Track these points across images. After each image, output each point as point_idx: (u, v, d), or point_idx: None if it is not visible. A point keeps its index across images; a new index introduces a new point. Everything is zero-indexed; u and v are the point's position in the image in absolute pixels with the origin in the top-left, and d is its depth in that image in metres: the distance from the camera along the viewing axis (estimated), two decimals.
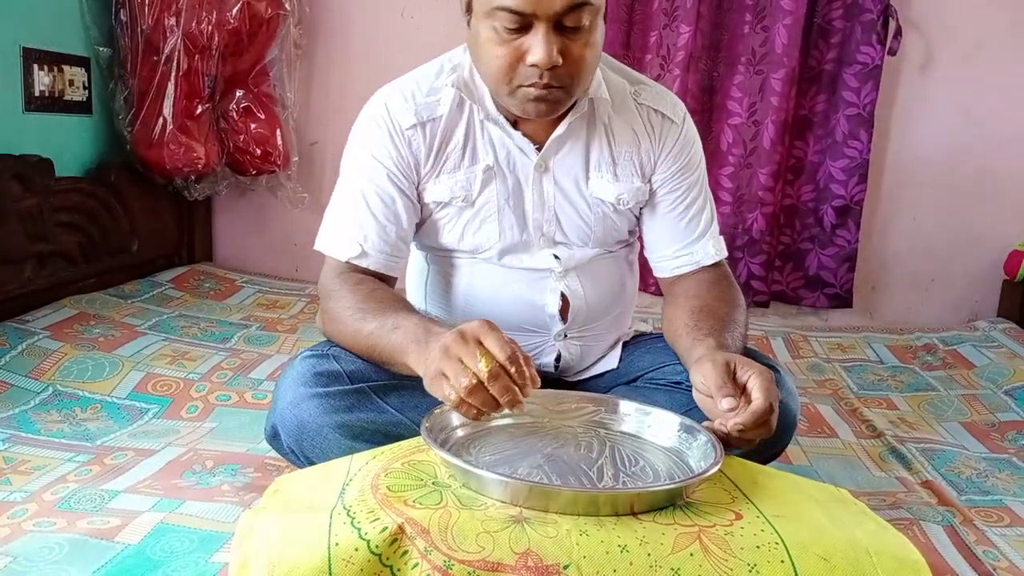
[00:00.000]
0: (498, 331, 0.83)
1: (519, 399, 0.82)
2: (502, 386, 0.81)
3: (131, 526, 0.94)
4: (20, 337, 1.51)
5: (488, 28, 0.95)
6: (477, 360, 0.81)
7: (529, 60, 0.93)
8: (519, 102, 0.98)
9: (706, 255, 1.16)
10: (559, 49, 0.93)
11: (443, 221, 1.11)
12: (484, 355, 0.81)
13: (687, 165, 1.14)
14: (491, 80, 0.99)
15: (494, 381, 0.80)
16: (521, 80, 0.96)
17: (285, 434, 0.99)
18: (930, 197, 2.24)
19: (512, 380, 0.81)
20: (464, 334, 0.83)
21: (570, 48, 0.94)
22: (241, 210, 2.39)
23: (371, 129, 1.08)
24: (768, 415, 0.87)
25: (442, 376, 0.83)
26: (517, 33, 0.93)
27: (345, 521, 0.71)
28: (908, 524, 1.09)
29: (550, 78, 0.94)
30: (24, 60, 1.75)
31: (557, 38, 0.93)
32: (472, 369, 0.81)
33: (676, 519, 0.75)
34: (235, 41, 2.02)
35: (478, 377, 0.80)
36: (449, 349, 0.83)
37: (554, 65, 0.93)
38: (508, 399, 0.81)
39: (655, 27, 2.13)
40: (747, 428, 0.85)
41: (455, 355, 0.82)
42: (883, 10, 2.07)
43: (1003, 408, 1.62)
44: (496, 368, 0.80)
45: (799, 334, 2.07)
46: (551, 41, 0.92)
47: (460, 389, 0.81)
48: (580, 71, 0.97)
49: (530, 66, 0.94)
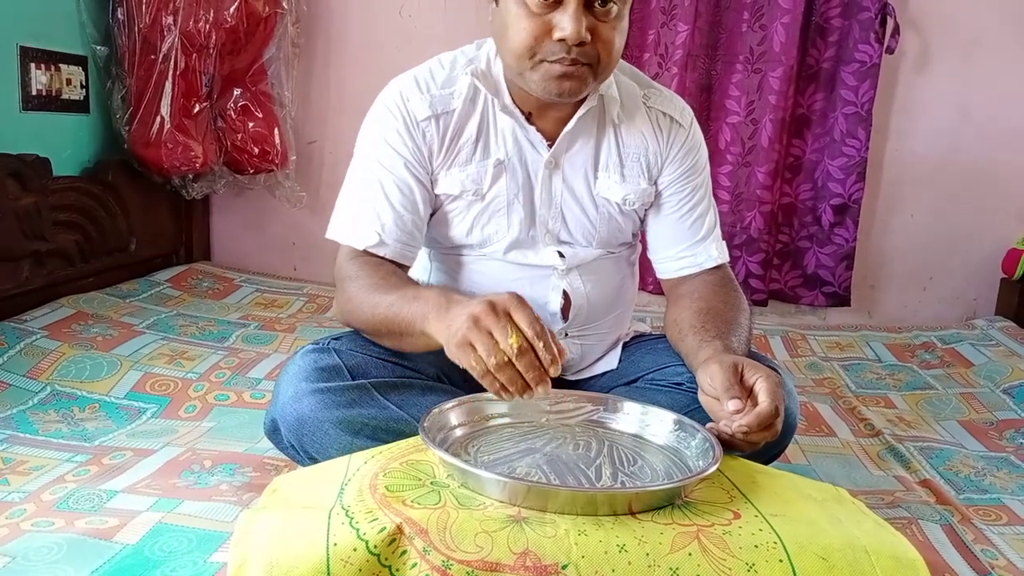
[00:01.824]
0: (527, 306, 0.83)
1: (545, 378, 0.81)
2: (528, 362, 0.80)
3: (129, 526, 0.94)
4: (18, 337, 1.51)
5: (518, 4, 0.96)
6: (507, 335, 0.80)
7: (557, 35, 0.94)
8: (540, 79, 0.98)
9: (708, 258, 1.17)
10: (588, 27, 0.94)
11: (453, 214, 1.11)
12: (515, 331, 0.81)
13: (693, 168, 1.15)
14: (515, 55, 0.99)
15: (522, 357, 0.80)
16: (545, 55, 0.96)
17: (285, 429, 0.99)
18: (928, 195, 2.25)
19: (538, 358, 0.81)
20: (495, 305, 0.82)
21: (598, 28, 0.95)
22: (239, 209, 2.39)
23: (387, 118, 1.08)
24: (773, 418, 0.87)
25: (469, 346, 0.82)
26: (548, 8, 0.94)
27: (343, 521, 0.71)
28: (906, 523, 1.09)
29: (576, 54, 0.95)
30: (21, 59, 1.75)
31: (587, 16, 0.94)
32: (501, 344, 0.80)
33: (674, 518, 0.75)
34: (233, 40, 2.01)
35: (507, 354, 0.80)
36: (479, 319, 0.82)
37: (582, 42, 0.94)
38: (533, 376, 0.81)
39: (653, 25, 2.13)
40: (752, 430, 0.86)
41: (484, 327, 0.81)
42: (881, 8, 2.07)
43: (1001, 406, 1.62)
44: (524, 345, 0.80)
45: (797, 333, 2.07)
46: (581, 17, 0.93)
47: (489, 363, 0.81)
48: (607, 52, 0.98)
49: (557, 40, 0.95)
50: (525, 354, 0.80)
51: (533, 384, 0.81)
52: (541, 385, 0.82)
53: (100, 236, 1.93)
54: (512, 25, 0.97)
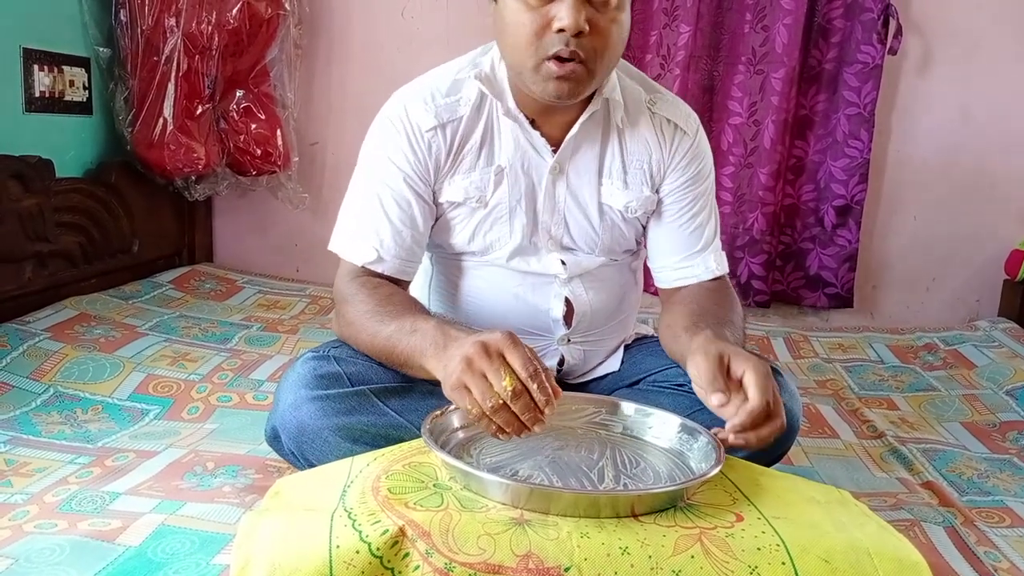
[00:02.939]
0: (521, 346, 0.82)
1: (540, 418, 0.81)
2: (524, 404, 0.80)
3: (132, 528, 0.94)
4: (21, 338, 1.51)
5: None
6: (501, 378, 0.80)
7: (556, 25, 0.94)
8: (542, 80, 0.98)
9: (706, 269, 1.15)
10: (587, 18, 0.93)
11: (455, 221, 1.11)
12: (508, 373, 0.80)
13: (696, 176, 1.14)
14: (516, 53, 0.98)
15: (517, 399, 0.79)
16: (546, 49, 0.95)
17: (285, 436, 0.99)
18: (931, 196, 2.24)
19: (532, 398, 0.80)
20: (488, 347, 0.82)
21: (597, 20, 0.95)
22: (241, 210, 2.39)
23: (389, 131, 1.07)
24: (766, 412, 0.84)
25: (464, 388, 0.82)
26: (545, 1, 0.94)
27: (346, 523, 0.71)
28: (909, 525, 1.09)
29: (576, 46, 0.94)
30: (24, 61, 1.75)
31: (586, 8, 0.94)
32: (496, 388, 0.80)
33: (677, 521, 0.75)
34: (235, 41, 2.02)
35: (502, 397, 0.80)
36: (473, 362, 0.81)
37: (580, 31, 0.93)
38: (529, 417, 0.80)
39: (655, 27, 2.13)
40: (746, 428, 0.84)
41: (478, 369, 0.81)
42: (883, 9, 2.07)
43: (1004, 408, 1.62)
44: (519, 387, 0.80)
45: (800, 334, 2.07)
46: (580, 7, 0.93)
47: (485, 407, 0.80)
48: (605, 46, 0.97)
49: (557, 31, 0.94)
50: (520, 396, 0.80)
51: (529, 424, 0.81)
52: (537, 425, 0.81)
53: (103, 237, 1.93)
54: (511, 21, 0.97)
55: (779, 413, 0.86)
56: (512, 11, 0.96)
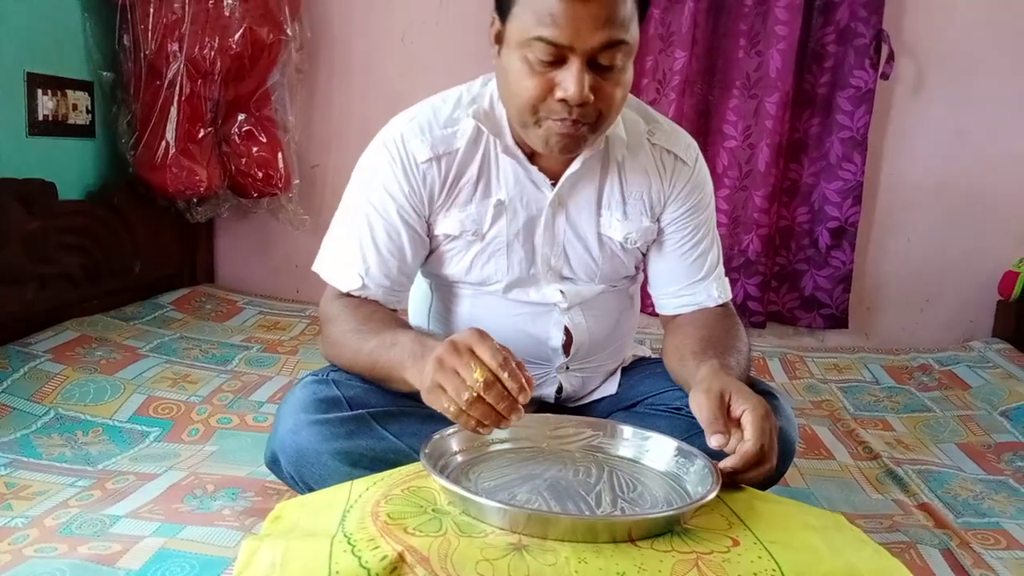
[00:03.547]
0: (489, 339, 0.84)
1: (516, 406, 0.82)
2: (497, 393, 0.81)
3: (132, 551, 0.95)
4: (22, 360, 1.52)
5: (520, 59, 0.93)
6: (471, 371, 0.81)
7: (560, 94, 0.92)
8: (543, 135, 0.97)
9: (708, 297, 1.16)
10: (591, 86, 0.92)
11: (451, 253, 1.11)
12: (478, 365, 0.81)
13: (697, 206, 1.14)
14: (517, 112, 0.97)
15: (489, 390, 0.81)
16: (548, 113, 0.94)
17: (285, 460, 0.99)
18: (924, 218, 2.27)
19: (504, 387, 0.81)
20: (456, 344, 0.84)
21: (602, 86, 0.93)
22: (242, 232, 2.41)
23: (384, 159, 1.06)
24: (758, 457, 0.86)
25: (439, 388, 0.84)
26: (550, 67, 0.92)
27: (346, 549, 0.72)
28: (905, 547, 1.10)
29: (579, 115, 0.93)
30: (28, 85, 1.77)
31: (590, 75, 0.91)
32: (468, 381, 0.81)
33: (674, 545, 0.76)
34: (237, 66, 2.04)
35: (475, 390, 0.81)
36: (444, 361, 0.83)
37: (584, 102, 0.92)
38: (504, 407, 0.81)
39: (651, 52, 2.16)
40: (738, 471, 0.86)
41: (450, 367, 0.83)
42: (876, 35, 2.11)
43: (999, 429, 1.63)
44: (490, 377, 0.81)
45: (795, 355, 2.08)
46: (584, 77, 0.91)
47: (460, 402, 0.81)
48: (609, 110, 0.96)
49: (559, 100, 0.92)
50: (492, 386, 0.81)
51: (505, 414, 0.82)
52: (514, 414, 0.82)
53: (105, 259, 1.94)
54: (514, 81, 0.95)
55: (770, 458, 0.88)
56: (516, 72, 0.94)
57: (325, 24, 2.28)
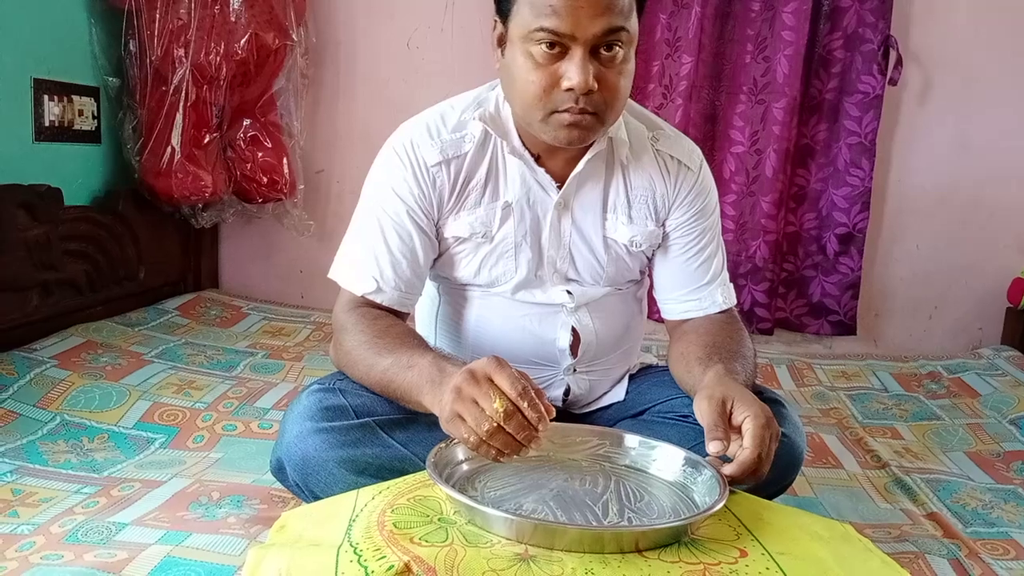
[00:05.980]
0: (507, 367, 0.84)
1: (535, 435, 0.82)
2: (518, 423, 0.81)
3: (138, 559, 0.94)
4: (28, 366, 1.52)
5: (524, 54, 0.96)
6: (491, 401, 0.81)
7: (565, 84, 0.95)
8: (552, 129, 0.99)
9: (713, 303, 1.17)
10: (594, 75, 0.94)
11: (460, 256, 1.12)
12: (498, 395, 0.82)
13: (701, 211, 1.15)
14: (525, 107, 1.00)
15: (509, 420, 0.81)
16: (555, 105, 0.97)
17: (290, 468, 0.99)
18: (932, 225, 2.26)
19: (525, 417, 0.81)
20: (475, 373, 0.84)
21: (605, 75, 0.96)
22: (247, 237, 2.41)
23: (395, 164, 1.08)
24: (756, 466, 0.86)
25: (458, 418, 0.84)
26: (554, 59, 0.95)
27: (352, 559, 0.72)
28: (913, 557, 1.09)
29: (585, 103, 0.96)
30: (34, 90, 1.78)
31: (593, 64, 0.95)
32: (488, 412, 0.81)
33: (681, 556, 0.75)
34: (243, 72, 2.04)
35: (495, 420, 0.81)
36: (462, 390, 0.83)
37: (590, 90, 0.94)
38: (525, 436, 0.82)
39: (657, 57, 2.16)
40: (736, 479, 0.86)
41: (468, 396, 0.83)
42: (883, 41, 2.10)
43: (1008, 438, 1.61)
44: (510, 407, 0.81)
45: (803, 361, 2.07)
46: (587, 66, 0.94)
47: (480, 432, 0.82)
48: (614, 98, 0.98)
49: (565, 90, 0.95)
50: (512, 416, 0.81)
51: (525, 443, 0.82)
52: (533, 442, 0.83)
53: (109, 265, 1.95)
54: (519, 77, 0.97)
55: (764, 467, 0.88)
56: (520, 68, 0.97)
57: (330, 30, 2.29)
